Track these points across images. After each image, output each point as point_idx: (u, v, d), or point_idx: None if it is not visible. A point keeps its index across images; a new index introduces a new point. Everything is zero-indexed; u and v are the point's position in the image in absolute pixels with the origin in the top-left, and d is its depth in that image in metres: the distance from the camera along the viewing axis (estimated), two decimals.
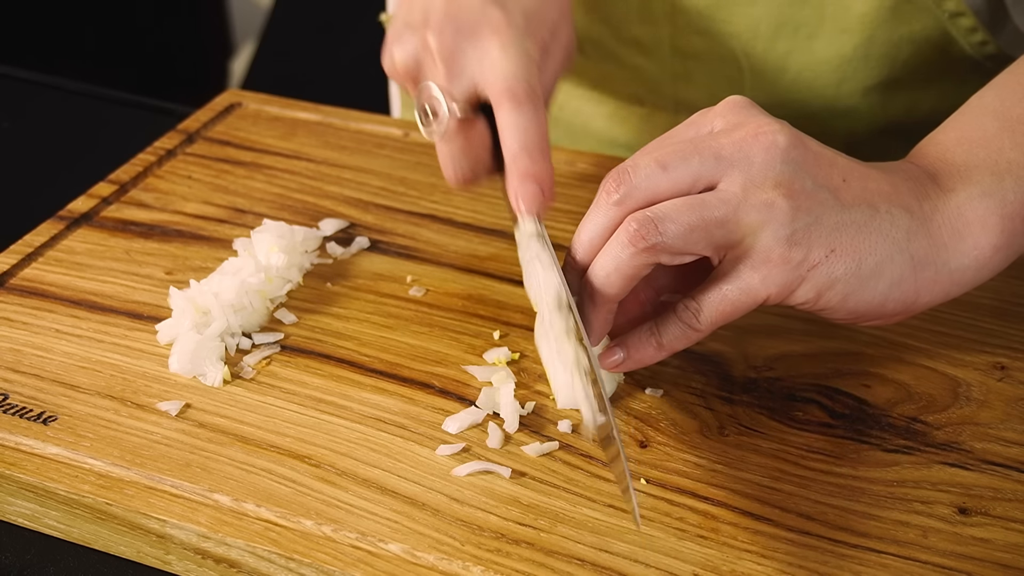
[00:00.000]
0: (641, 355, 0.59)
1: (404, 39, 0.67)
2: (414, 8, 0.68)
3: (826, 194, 0.56)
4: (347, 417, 0.61)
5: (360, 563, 0.53)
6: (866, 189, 0.57)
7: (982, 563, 0.54)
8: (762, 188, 0.55)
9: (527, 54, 0.64)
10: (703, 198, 0.55)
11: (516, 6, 0.66)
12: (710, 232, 0.55)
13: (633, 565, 0.53)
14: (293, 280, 0.71)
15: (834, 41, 0.79)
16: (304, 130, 0.88)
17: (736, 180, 0.55)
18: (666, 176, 0.55)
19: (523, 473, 0.58)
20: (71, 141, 0.95)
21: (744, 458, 0.59)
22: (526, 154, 0.61)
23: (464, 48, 0.65)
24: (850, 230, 0.56)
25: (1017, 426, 0.61)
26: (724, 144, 0.56)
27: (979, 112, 0.62)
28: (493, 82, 0.63)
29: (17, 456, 0.59)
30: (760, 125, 0.56)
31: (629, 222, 0.55)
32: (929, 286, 0.58)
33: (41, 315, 0.68)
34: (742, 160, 0.55)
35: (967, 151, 0.60)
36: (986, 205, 0.58)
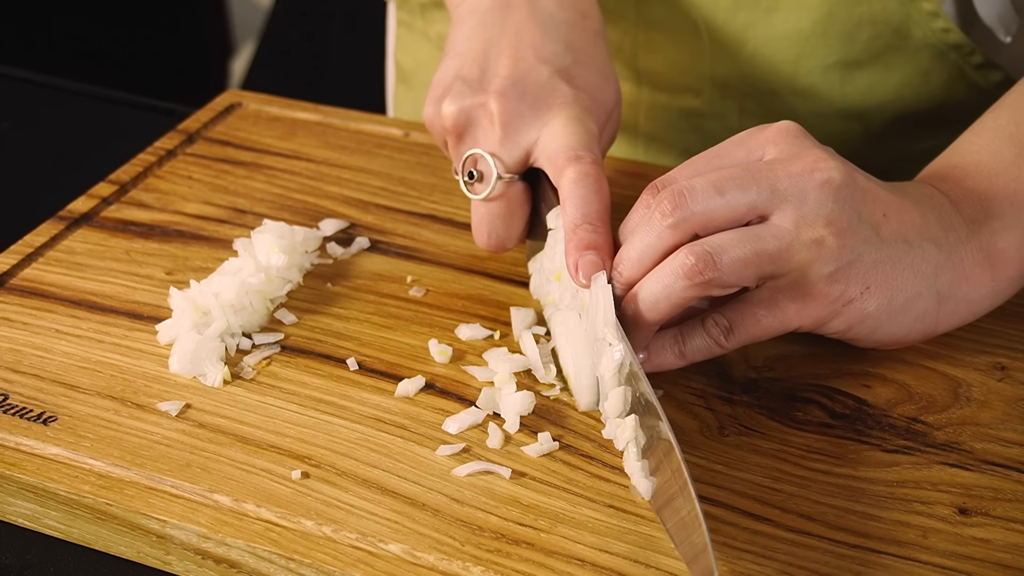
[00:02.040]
0: (662, 360, 0.60)
1: (460, 94, 0.66)
2: (471, 62, 0.67)
3: (869, 230, 0.58)
4: (347, 417, 0.61)
5: (360, 563, 0.53)
6: (903, 223, 0.59)
7: (982, 563, 0.54)
8: (814, 225, 0.56)
9: (589, 130, 0.65)
10: (757, 232, 0.56)
11: (583, 85, 0.67)
12: (761, 267, 0.56)
13: (633, 565, 0.53)
14: (293, 280, 0.71)
15: (792, 15, 0.79)
16: (304, 130, 0.88)
17: (789, 215, 0.56)
18: (723, 202, 0.56)
19: (523, 473, 0.58)
20: (71, 141, 0.95)
21: (744, 458, 0.59)
22: (589, 225, 0.61)
23: (526, 116, 0.65)
24: (886, 266, 0.58)
25: (1017, 426, 0.61)
26: (781, 176, 0.56)
27: (995, 136, 0.64)
28: (557, 149, 0.63)
29: (17, 456, 0.59)
30: (816, 160, 0.57)
31: (686, 256, 0.56)
32: (949, 317, 0.61)
33: (41, 315, 0.68)
34: (797, 195, 0.56)
35: (987, 180, 0.62)
36: (1006, 239, 0.61)
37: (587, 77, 0.67)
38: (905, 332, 0.61)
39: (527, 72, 0.66)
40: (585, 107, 0.66)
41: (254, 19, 2.16)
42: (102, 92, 1.02)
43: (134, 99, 1.01)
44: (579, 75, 0.67)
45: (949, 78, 0.81)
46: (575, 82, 0.66)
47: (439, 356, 0.65)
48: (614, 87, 0.70)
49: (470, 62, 0.67)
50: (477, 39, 0.68)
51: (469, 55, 0.67)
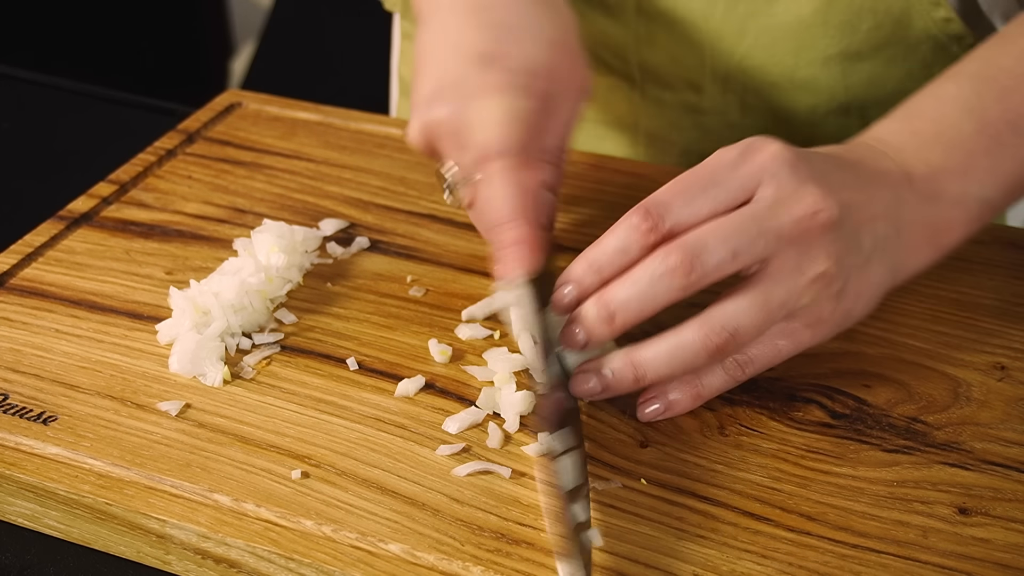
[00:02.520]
0: (681, 407, 0.61)
1: (416, 115, 0.67)
2: (426, 79, 0.67)
3: (855, 242, 0.59)
4: (347, 417, 0.61)
5: (360, 563, 0.53)
6: (874, 220, 0.60)
7: (982, 563, 0.54)
8: (816, 262, 0.58)
9: (519, 115, 0.64)
10: (767, 294, 0.57)
11: (515, 62, 0.65)
12: (773, 316, 0.58)
13: (633, 565, 0.53)
14: (293, 280, 0.71)
15: (793, 5, 0.79)
16: (304, 130, 0.88)
17: (792, 258, 0.57)
18: (735, 262, 0.57)
19: (523, 473, 0.58)
20: (71, 141, 0.95)
21: (744, 458, 0.59)
22: (511, 221, 0.61)
23: (464, 117, 0.65)
24: (865, 272, 0.60)
25: (1017, 426, 0.61)
26: (785, 224, 0.57)
27: (957, 106, 0.65)
28: (482, 153, 0.63)
29: (17, 456, 0.59)
30: (815, 201, 0.57)
31: (708, 336, 0.57)
32: (900, 283, 0.63)
33: (41, 315, 0.68)
34: (801, 240, 0.57)
35: (944, 153, 0.63)
36: (954, 215, 0.63)
37: (524, 52, 0.66)
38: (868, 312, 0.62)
39: (461, 73, 0.65)
40: (516, 87, 0.64)
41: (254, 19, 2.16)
42: (102, 92, 1.02)
43: (134, 99, 1.01)
44: (514, 55, 0.66)
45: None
46: (508, 63, 0.65)
47: (439, 356, 0.65)
48: (561, 46, 0.68)
49: (426, 78, 0.67)
50: (429, 55, 0.68)
51: (424, 71, 0.68)
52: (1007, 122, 0.64)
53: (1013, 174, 0.64)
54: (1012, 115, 0.64)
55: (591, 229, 0.76)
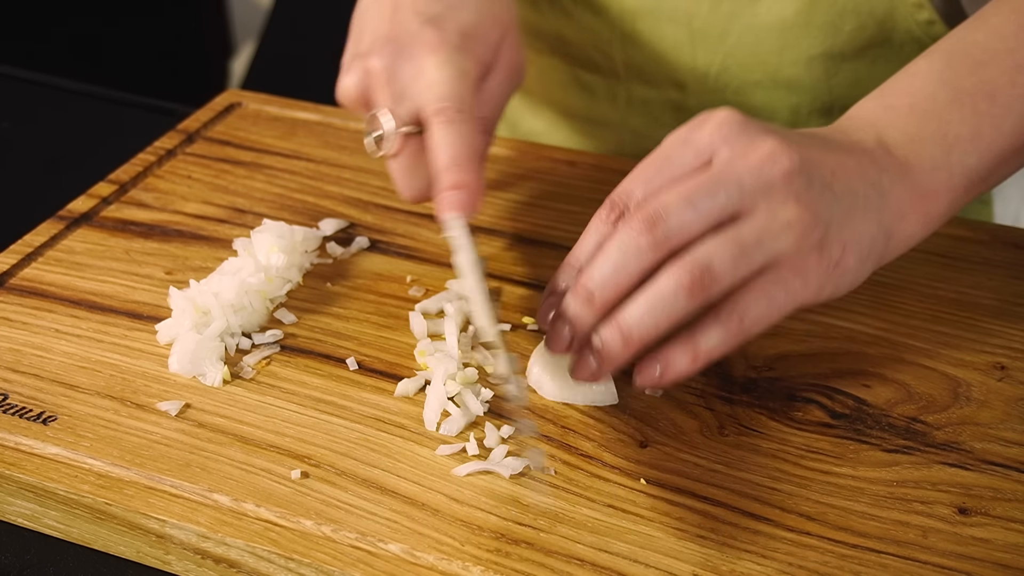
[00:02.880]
0: (676, 369, 0.57)
1: (352, 68, 0.69)
2: (361, 38, 0.70)
3: (828, 194, 0.58)
4: (347, 417, 0.61)
5: (360, 563, 0.53)
6: (847, 175, 0.60)
7: (982, 563, 0.54)
8: (785, 207, 0.57)
9: (461, 71, 0.66)
10: (738, 231, 0.56)
11: (453, 25, 0.68)
12: (751, 259, 0.56)
13: (633, 565, 0.53)
14: (293, 280, 0.71)
15: (776, 5, 0.79)
16: (304, 130, 0.88)
17: (761, 206, 0.57)
18: (697, 214, 0.56)
19: (523, 473, 0.58)
20: (71, 141, 0.95)
21: (744, 458, 0.59)
22: (454, 166, 0.63)
23: (403, 69, 0.67)
24: (847, 221, 0.59)
25: (1017, 426, 0.61)
26: (743, 173, 0.57)
27: (930, 79, 0.65)
28: (426, 102, 0.65)
29: (17, 456, 0.59)
30: (771, 149, 0.57)
31: (680, 274, 0.55)
32: (892, 254, 0.62)
33: (41, 315, 0.68)
34: (763, 186, 0.57)
35: (919, 122, 0.63)
36: (936, 178, 0.62)
37: (461, 18, 0.69)
38: (866, 275, 0.61)
39: (401, 29, 0.68)
40: (456, 46, 0.67)
41: (254, 19, 2.16)
42: (102, 92, 1.02)
43: (134, 99, 1.01)
44: (452, 18, 0.68)
45: None
46: (446, 25, 0.68)
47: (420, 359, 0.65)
48: (497, 21, 0.70)
49: (360, 38, 0.70)
50: (367, 16, 0.71)
51: (360, 32, 0.71)
52: (983, 93, 0.64)
53: (995, 142, 0.64)
54: (988, 86, 0.64)
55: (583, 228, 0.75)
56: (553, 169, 0.83)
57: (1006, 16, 0.66)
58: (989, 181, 0.65)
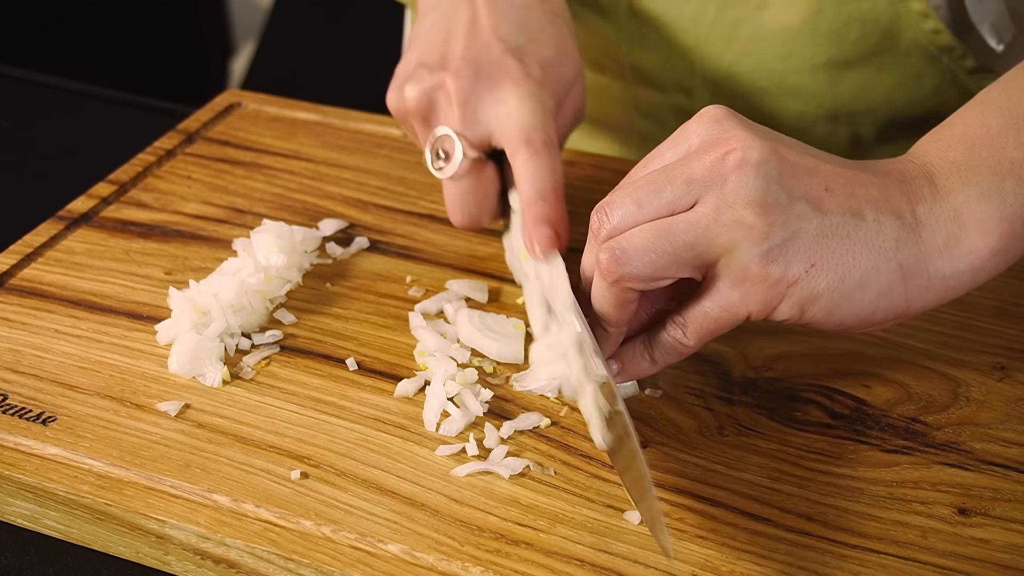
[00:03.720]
0: (635, 368, 0.60)
1: (419, 77, 0.68)
2: (431, 50, 0.70)
3: (804, 206, 0.54)
4: (346, 417, 0.61)
5: (359, 563, 0.53)
6: (852, 196, 0.56)
7: (982, 563, 0.53)
8: (733, 207, 0.54)
9: (544, 105, 0.67)
10: (670, 223, 0.55)
11: (534, 59, 0.69)
12: (679, 256, 0.54)
13: (633, 565, 0.53)
14: (292, 280, 0.71)
15: (781, 12, 0.79)
16: (304, 130, 0.88)
17: (709, 202, 0.54)
18: (639, 210, 0.55)
19: (522, 473, 0.58)
20: (71, 141, 0.95)
21: (743, 458, 0.59)
22: (541, 199, 0.64)
23: (481, 94, 0.67)
24: (831, 242, 0.55)
25: (1017, 426, 0.61)
26: (695, 168, 0.55)
27: (984, 108, 0.60)
28: (510, 130, 0.66)
29: (17, 456, 0.59)
30: (734, 141, 0.55)
31: (600, 255, 0.56)
32: (921, 293, 0.56)
33: (40, 315, 0.68)
34: (715, 181, 0.54)
35: (969, 148, 0.58)
36: (984, 208, 0.56)
37: (542, 53, 0.69)
38: (869, 311, 0.56)
39: (481, 52, 0.68)
40: (538, 81, 0.68)
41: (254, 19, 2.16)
42: (102, 92, 1.02)
43: (134, 99, 1.01)
44: (533, 52, 0.69)
45: (941, 82, 0.81)
46: (528, 59, 0.68)
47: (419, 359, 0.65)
48: (573, 62, 0.71)
49: (430, 49, 0.70)
50: (437, 29, 0.71)
51: (430, 43, 0.70)
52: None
53: None
54: None
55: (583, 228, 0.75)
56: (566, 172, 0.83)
57: None
58: None
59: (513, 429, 0.61)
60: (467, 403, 0.61)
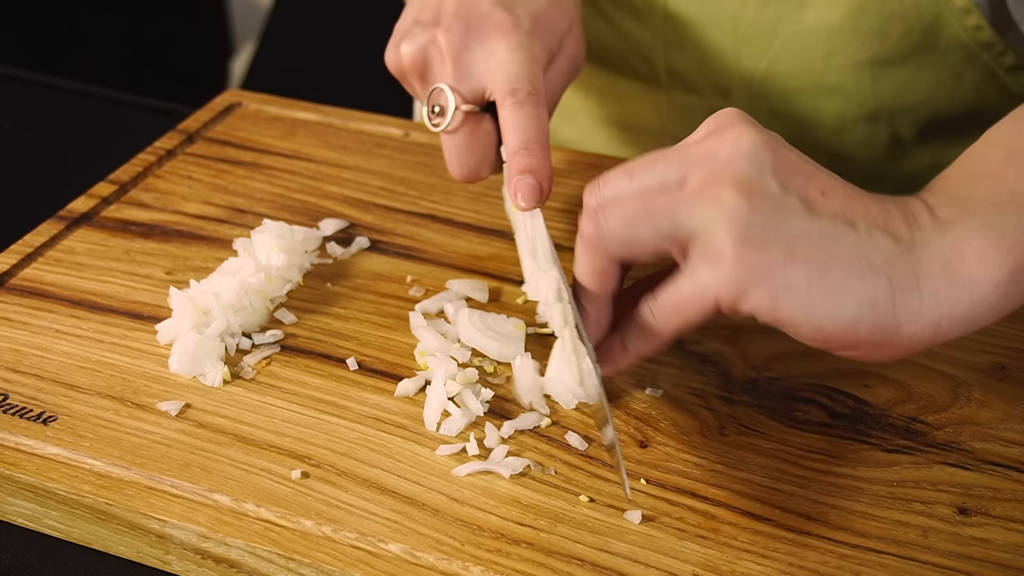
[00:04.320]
0: (610, 358, 0.58)
1: (414, 35, 0.69)
2: (425, 8, 0.70)
3: (795, 201, 0.53)
4: (347, 417, 0.61)
5: (360, 563, 0.53)
6: (848, 207, 0.54)
7: (982, 563, 0.54)
8: (719, 185, 0.53)
9: (532, 56, 0.67)
10: (654, 191, 0.55)
11: (524, 10, 0.69)
12: (656, 223, 0.54)
13: (633, 565, 0.53)
14: (293, 280, 0.71)
15: (823, 10, 0.79)
16: (304, 130, 0.88)
17: (697, 178, 0.54)
18: (631, 183, 0.55)
19: (523, 473, 0.58)
20: (71, 141, 0.95)
21: (744, 458, 0.59)
22: (525, 150, 0.64)
23: (472, 47, 0.68)
24: (817, 240, 0.53)
25: (1017, 426, 0.61)
26: (692, 150, 0.55)
27: (987, 144, 0.60)
28: (498, 82, 0.66)
29: (17, 456, 0.59)
30: (733, 129, 0.54)
31: (582, 218, 0.57)
32: (913, 315, 0.53)
33: (41, 315, 0.68)
34: (707, 160, 0.54)
35: (970, 183, 0.57)
36: (983, 237, 0.54)
37: (533, 3, 0.69)
38: (852, 319, 0.52)
39: (472, 6, 0.68)
40: (528, 32, 0.68)
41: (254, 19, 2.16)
42: (102, 92, 1.02)
43: (134, 99, 1.01)
44: (523, 2, 0.69)
45: (980, 80, 0.81)
46: (518, 9, 0.69)
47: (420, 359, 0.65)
48: (566, 11, 0.71)
49: (425, 7, 0.70)
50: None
51: (424, 2, 0.71)
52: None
53: None
54: None
55: None
56: (553, 169, 0.83)
57: None
58: None
59: (514, 429, 0.61)
60: (468, 403, 0.62)
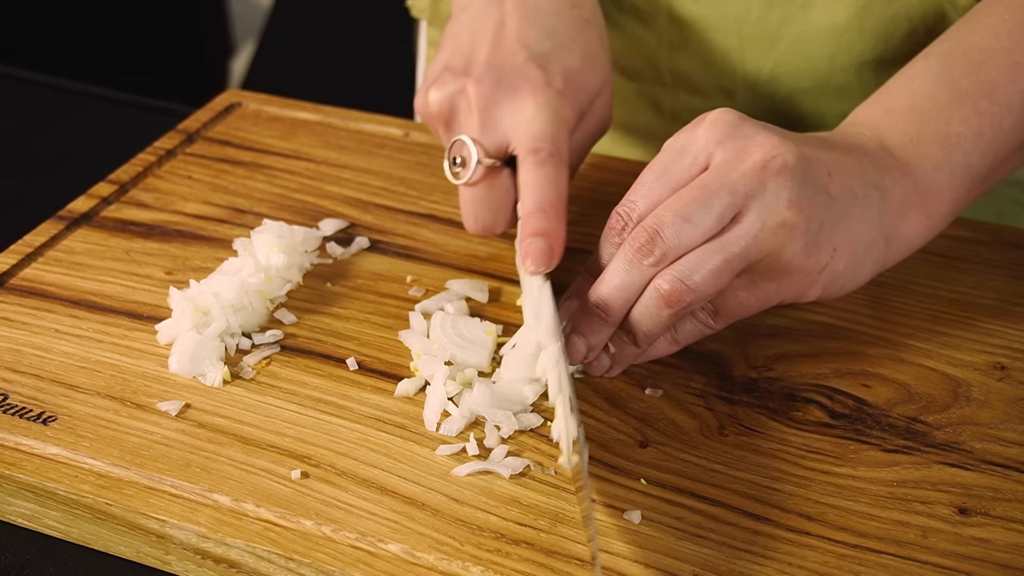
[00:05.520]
0: (657, 348, 0.63)
1: (443, 82, 0.68)
2: (457, 54, 0.69)
3: (823, 195, 0.59)
4: (347, 417, 0.61)
5: (360, 563, 0.53)
6: (845, 176, 0.60)
7: (982, 563, 0.54)
8: (775, 211, 0.57)
9: (560, 116, 0.67)
10: (722, 241, 0.57)
11: (558, 67, 0.68)
12: (734, 268, 0.58)
13: (633, 565, 0.53)
14: (293, 280, 0.71)
15: (828, 10, 0.79)
16: (304, 130, 0.88)
17: (752, 210, 0.57)
18: (693, 228, 0.57)
19: (523, 473, 0.58)
20: (71, 141, 0.95)
21: (744, 458, 0.59)
22: (540, 212, 0.64)
23: (500, 101, 0.67)
24: (842, 224, 0.60)
25: (1017, 426, 0.61)
26: (736, 179, 0.57)
27: (928, 81, 0.65)
28: (522, 138, 0.66)
29: (17, 456, 0.59)
30: (766, 150, 0.58)
31: (660, 284, 0.58)
32: (893, 257, 0.63)
33: (41, 315, 0.68)
34: (756, 189, 0.57)
35: (919, 123, 0.64)
36: (937, 179, 0.63)
37: (567, 61, 0.69)
38: (864, 280, 0.63)
39: (505, 58, 0.68)
40: (559, 91, 0.67)
41: (254, 19, 2.16)
42: (102, 92, 1.02)
43: (134, 99, 1.01)
44: (557, 59, 0.68)
45: None
46: (551, 67, 0.68)
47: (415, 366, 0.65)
48: (600, 71, 0.71)
49: (457, 53, 0.69)
50: (466, 31, 0.70)
51: (457, 47, 0.70)
52: (982, 91, 0.64)
53: (995, 140, 0.64)
54: (986, 84, 0.64)
55: (591, 229, 0.76)
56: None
57: (1000, 16, 0.66)
58: (990, 180, 0.66)
59: (513, 429, 0.61)
60: (503, 421, 0.61)
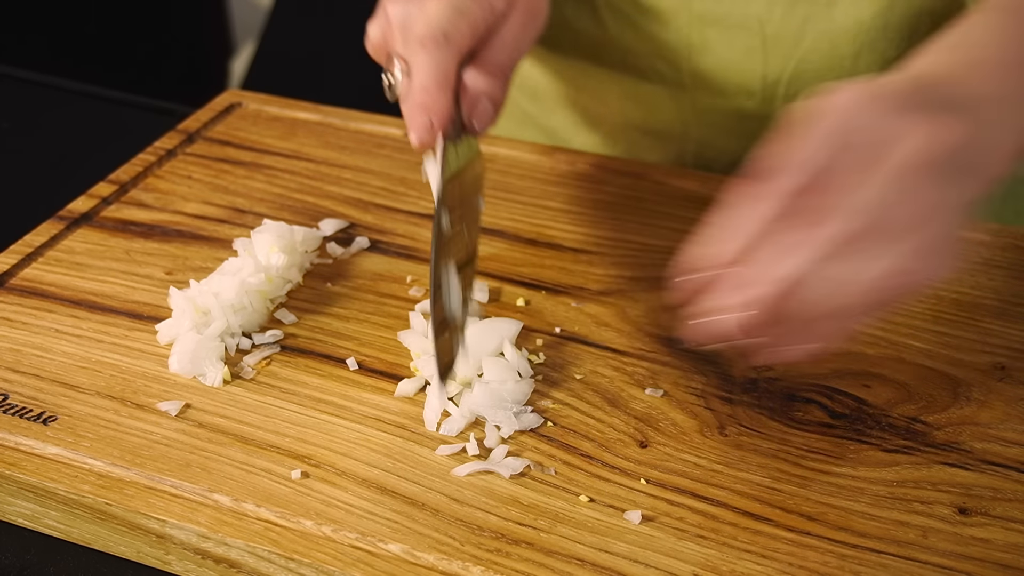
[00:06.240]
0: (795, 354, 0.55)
1: (376, 16, 0.68)
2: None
3: (962, 176, 0.54)
4: (347, 417, 0.61)
5: (360, 563, 0.53)
6: (967, 148, 0.54)
7: (982, 563, 0.54)
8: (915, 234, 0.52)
9: (459, 11, 0.65)
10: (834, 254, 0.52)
11: None
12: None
13: (633, 565, 0.53)
14: (293, 280, 0.71)
15: (852, 8, 0.78)
16: (304, 130, 0.88)
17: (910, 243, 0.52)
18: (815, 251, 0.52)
19: (523, 473, 0.58)
20: (71, 141, 0.95)
21: (744, 458, 0.59)
22: (422, 89, 0.62)
23: (412, 14, 0.66)
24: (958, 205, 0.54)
25: (1017, 426, 0.61)
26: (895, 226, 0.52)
27: (995, 35, 0.59)
28: (414, 42, 0.64)
29: (17, 456, 0.59)
30: (933, 202, 0.53)
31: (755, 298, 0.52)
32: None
33: (41, 315, 0.68)
34: (920, 226, 0.52)
35: (1001, 81, 0.57)
36: (1007, 141, 0.56)
37: None
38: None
39: None
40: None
41: (254, 19, 2.16)
42: (102, 92, 1.02)
43: (134, 99, 1.01)
44: None
45: None
46: None
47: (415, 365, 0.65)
48: None
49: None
50: None
51: None
52: None
53: None
54: None
55: (591, 229, 0.76)
56: (553, 168, 0.83)
57: None
58: None
59: (514, 429, 0.61)
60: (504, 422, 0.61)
